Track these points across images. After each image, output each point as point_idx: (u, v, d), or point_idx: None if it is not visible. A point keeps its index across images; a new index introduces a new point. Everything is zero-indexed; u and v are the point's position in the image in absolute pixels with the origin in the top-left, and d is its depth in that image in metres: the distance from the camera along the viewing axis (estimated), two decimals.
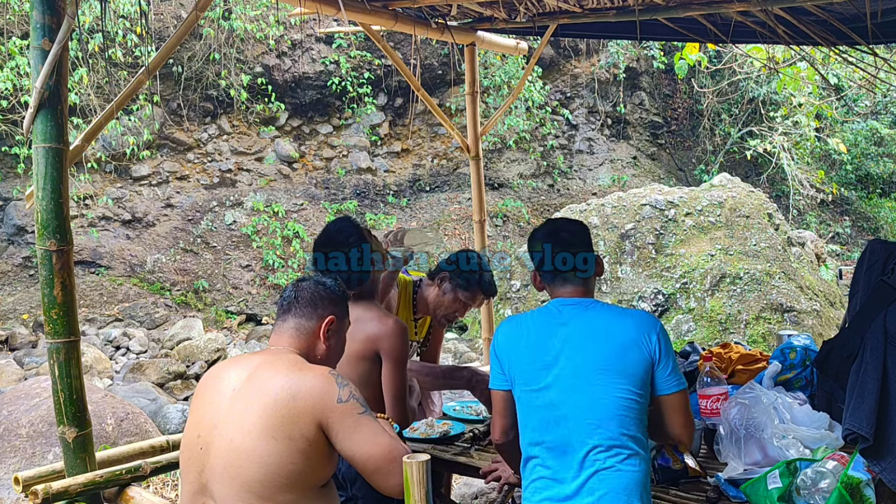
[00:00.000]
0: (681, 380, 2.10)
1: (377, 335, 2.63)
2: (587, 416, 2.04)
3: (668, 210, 8.95)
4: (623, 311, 2.19)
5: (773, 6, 3.54)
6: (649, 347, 2.06)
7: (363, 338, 2.63)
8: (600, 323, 2.11)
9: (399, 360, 2.64)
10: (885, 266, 2.53)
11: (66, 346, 2.70)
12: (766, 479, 2.17)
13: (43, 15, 2.61)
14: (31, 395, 4.62)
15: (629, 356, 2.05)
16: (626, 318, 2.12)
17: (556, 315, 2.17)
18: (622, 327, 2.09)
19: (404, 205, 12.64)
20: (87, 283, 10.32)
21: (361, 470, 2.04)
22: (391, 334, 2.63)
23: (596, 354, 2.06)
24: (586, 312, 2.15)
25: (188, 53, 11.23)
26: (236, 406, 2.03)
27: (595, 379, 2.05)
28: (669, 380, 2.08)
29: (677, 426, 2.12)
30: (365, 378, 2.64)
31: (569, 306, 2.19)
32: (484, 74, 12.38)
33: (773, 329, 7.62)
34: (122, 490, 2.85)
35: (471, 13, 4.47)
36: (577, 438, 2.05)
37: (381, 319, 2.67)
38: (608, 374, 2.04)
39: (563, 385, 2.08)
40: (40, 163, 2.65)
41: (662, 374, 2.08)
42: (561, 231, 2.30)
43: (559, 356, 2.10)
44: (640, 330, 2.07)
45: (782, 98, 13.07)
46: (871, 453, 2.26)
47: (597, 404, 2.04)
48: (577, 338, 2.10)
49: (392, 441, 2.04)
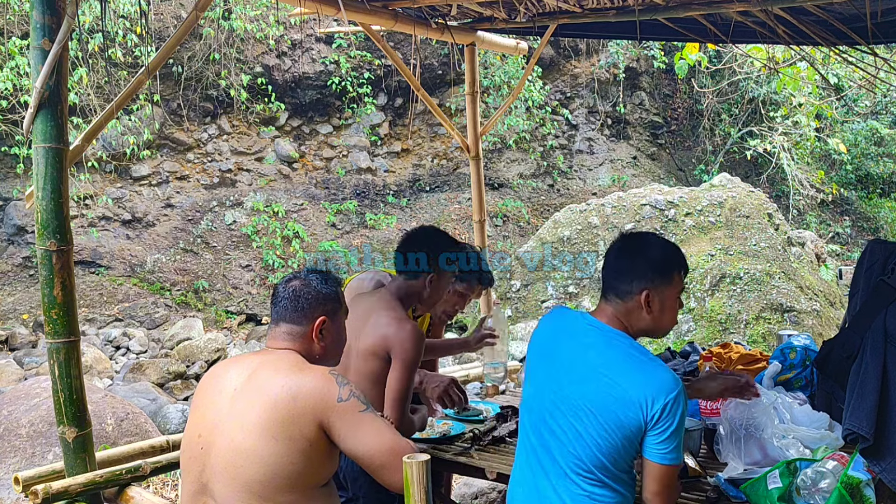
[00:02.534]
0: (670, 454, 1.93)
1: (392, 336, 2.58)
2: (570, 446, 2.02)
3: (668, 210, 8.95)
4: (643, 364, 1.98)
5: (773, 6, 3.54)
6: (648, 412, 1.92)
7: (379, 335, 2.60)
8: (612, 368, 1.98)
9: (409, 364, 2.59)
10: (885, 266, 2.53)
11: (66, 346, 2.71)
12: (766, 479, 2.17)
13: (43, 15, 2.61)
14: (31, 395, 4.62)
15: (625, 412, 1.94)
16: (639, 374, 1.95)
17: (583, 334, 2.08)
18: (629, 382, 1.94)
19: (404, 205, 12.64)
20: (87, 283, 10.32)
21: (367, 467, 2.04)
22: (407, 338, 2.57)
23: (594, 396, 1.98)
24: (607, 350, 2.02)
25: (188, 53, 11.23)
26: (237, 406, 2.02)
27: (584, 417, 1.99)
28: (656, 448, 1.94)
29: (649, 493, 1.98)
30: (374, 375, 2.61)
31: (595, 330, 2.07)
32: (484, 74, 12.38)
33: (773, 329, 7.62)
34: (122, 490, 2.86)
35: (471, 13, 4.47)
36: (560, 458, 2.04)
37: (400, 322, 2.62)
38: (597, 418, 1.97)
39: (557, 408, 2.05)
40: (40, 163, 2.66)
41: (652, 440, 1.94)
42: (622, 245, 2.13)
43: (563, 378, 2.06)
44: (646, 392, 1.92)
45: (782, 98, 13.07)
46: (871, 453, 2.26)
47: (579, 440, 2.00)
48: (585, 370, 2.02)
49: (396, 436, 2.04)
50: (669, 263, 2.10)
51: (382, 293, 2.77)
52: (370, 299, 2.76)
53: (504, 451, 2.76)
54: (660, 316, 2.06)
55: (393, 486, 2.03)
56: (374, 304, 2.70)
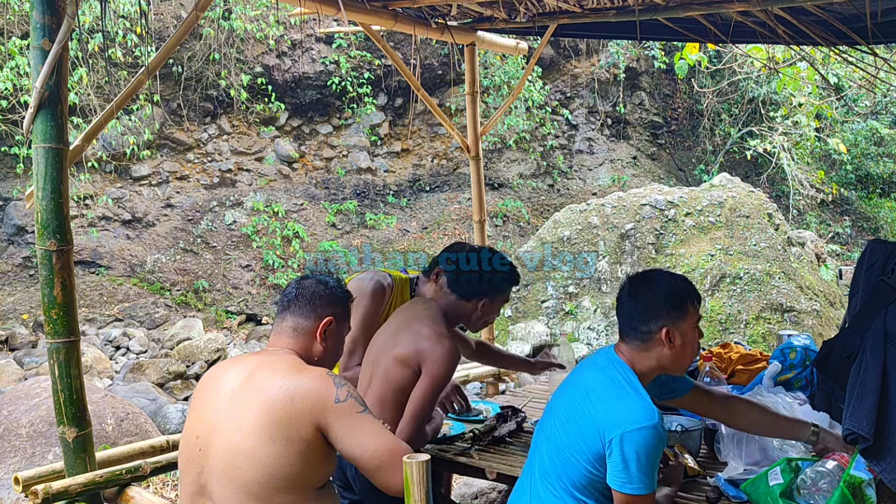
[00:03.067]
0: (630, 483, 1.93)
1: (428, 351, 2.51)
2: (545, 463, 2.13)
3: (668, 210, 8.95)
4: (620, 393, 2.02)
5: (773, 6, 3.54)
6: (604, 439, 1.97)
7: (414, 347, 2.53)
8: (595, 392, 2.06)
9: (437, 382, 2.53)
10: (885, 266, 2.52)
11: (66, 346, 2.71)
12: (768, 476, 2.17)
13: (43, 15, 2.61)
14: (31, 395, 4.62)
15: (591, 435, 1.99)
16: (612, 401, 2.00)
17: (595, 360, 2.20)
18: (597, 411, 2.00)
19: (404, 205, 12.64)
20: (87, 283, 10.32)
21: (364, 468, 2.03)
22: (441, 357, 2.50)
23: (568, 418, 2.08)
24: (591, 372, 2.14)
25: (188, 53, 11.23)
26: (235, 407, 2.02)
27: (560, 436, 2.09)
28: (616, 476, 1.96)
29: None
30: (400, 384, 2.56)
31: (591, 359, 2.21)
32: (484, 74, 12.38)
33: (773, 329, 7.62)
34: (122, 490, 2.85)
35: (471, 13, 4.47)
36: (538, 475, 2.14)
37: (440, 338, 2.54)
38: (572, 441, 2.05)
39: (545, 429, 2.18)
40: (40, 163, 2.65)
41: (611, 468, 1.97)
42: (631, 288, 2.17)
43: (564, 398, 2.18)
44: (607, 420, 1.96)
45: (782, 98, 13.07)
46: (871, 453, 2.26)
47: (553, 458, 2.09)
48: (571, 393, 2.15)
49: (394, 438, 2.04)
50: (682, 296, 2.13)
51: (431, 305, 2.71)
52: (416, 307, 2.72)
53: (504, 451, 2.76)
54: (681, 350, 2.11)
55: (389, 488, 2.02)
56: (420, 313, 2.65)
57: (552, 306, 8.78)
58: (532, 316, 8.77)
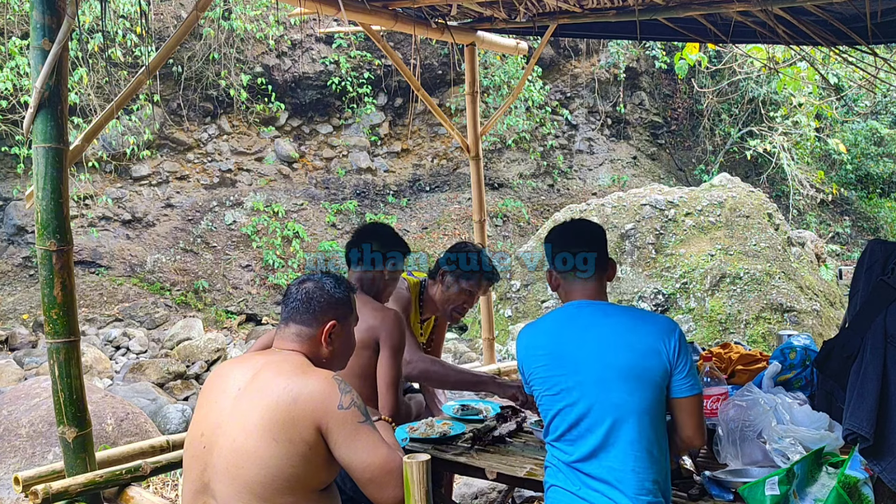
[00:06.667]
0: (695, 384, 2.12)
1: (377, 324, 2.70)
2: (608, 419, 2.09)
3: (668, 210, 8.95)
4: (642, 316, 2.21)
5: (773, 6, 3.54)
6: (667, 354, 2.09)
7: (364, 328, 2.65)
8: (620, 330, 2.14)
9: (396, 349, 2.72)
10: (885, 266, 2.52)
11: (66, 346, 2.70)
12: (765, 485, 2.17)
13: (43, 15, 2.61)
14: (31, 395, 4.62)
15: (648, 363, 2.08)
16: (645, 324, 2.14)
17: (574, 318, 2.21)
18: (642, 334, 2.11)
19: (404, 205, 12.64)
20: (87, 283, 10.32)
21: (357, 479, 2.04)
22: (390, 324, 2.71)
23: (616, 362, 2.09)
24: (606, 319, 2.17)
25: (188, 53, 11.23)
26: (240, 406, 2.03)
27: (615, 385, 2.08)
28: (684, 383, 2.11)
29: (689, 429, 2.15)
30: (361, 369, 2.69)
31: (586, 308, 2.22)
32: (484, 74, 12.38)
33: (773, 329, 7.62)
34: (122, 490, 2.85)
35: (471, 13, 4.47)
36: (599, 441, 2.10)
37: (381, 310, 2.76)
38: (628, 381, 2.08)
39: (584, 390, 2.12)
40: (40, 163, 2.65)
41: (678, 377, 2.11)
42: (564, 231, 2.35)
43: (580, 362, 2.13)
44: (658, 337, 2.10)
45: (782, 98, 13.07)
46: (871, 453, 2.26)
47: (619, 409, 2.08)
48: (597, 345, 2.13)
49: (390, 452, 2.02)
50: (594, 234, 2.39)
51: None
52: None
53: (504, 451, 2.76)
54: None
55: (378, 501, 2.03)
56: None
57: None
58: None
